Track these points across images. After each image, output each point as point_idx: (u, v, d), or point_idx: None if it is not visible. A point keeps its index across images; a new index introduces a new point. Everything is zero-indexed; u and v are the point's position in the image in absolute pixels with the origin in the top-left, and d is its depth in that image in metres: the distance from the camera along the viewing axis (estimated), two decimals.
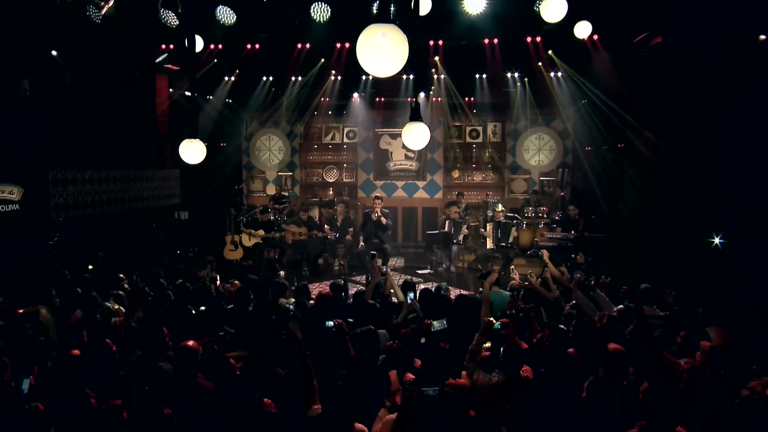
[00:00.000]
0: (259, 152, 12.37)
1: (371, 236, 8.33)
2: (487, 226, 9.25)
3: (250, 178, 12.36)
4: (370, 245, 8.34)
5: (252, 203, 11.91)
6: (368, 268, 8.17)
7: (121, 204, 7.46)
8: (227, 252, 9.24)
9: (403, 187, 11.96)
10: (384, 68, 2.86)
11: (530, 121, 11.35)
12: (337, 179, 12.11)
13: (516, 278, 6.10)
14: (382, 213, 8.26)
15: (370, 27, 2.82)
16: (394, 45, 2.82)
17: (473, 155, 11.66)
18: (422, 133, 4.14)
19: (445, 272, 9.43)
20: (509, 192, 11.67)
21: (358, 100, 11.36)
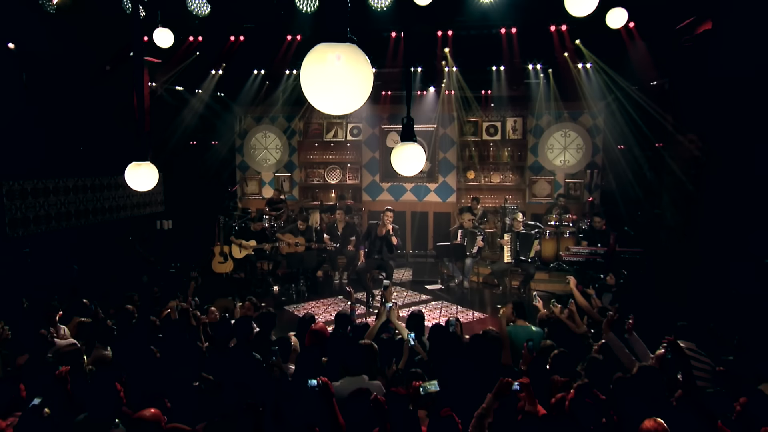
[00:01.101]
0: (254, 151, 12.07)
1: (374, 251, 7.83)
2: (505, 235, 8.73)
3: (243, 179, 12.04)
4: (371, 261, 7.86)
5: (246, 206, 11.62)
6: (367, 287, 7.72)
7: (93, 215, 7.10)
8: (215, 264, 8.93)
9: (412, 190, 11.58)
10: (340, 103, 2.21)
11: (555, 116, 10.91)
12: (339, 180, 11.78)
13: (539, 306, 5.55)
14: (394, 230, 7.73)
15: (319, 47, 2.21)
16: (353, 72, 2.17)
17: (491, 154, 11.24)
18: (415, 156, 3.61)
19: (457, 288, 9.04)
20: (531, 195, 11.22)
21: None
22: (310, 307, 8.07)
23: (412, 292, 8.96)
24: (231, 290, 8.46)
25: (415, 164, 3.60)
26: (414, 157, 3.59)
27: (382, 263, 7.71)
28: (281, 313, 7.73)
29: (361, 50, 2.18)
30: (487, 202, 11.18)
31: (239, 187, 12.07)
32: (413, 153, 3.60)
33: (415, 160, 3.59)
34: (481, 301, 8.58)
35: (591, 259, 8.15)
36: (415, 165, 3.60)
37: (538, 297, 5.69)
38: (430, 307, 8.06)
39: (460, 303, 8.25)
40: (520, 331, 4.90)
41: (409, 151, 3.60)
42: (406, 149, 3.60)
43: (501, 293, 8.70)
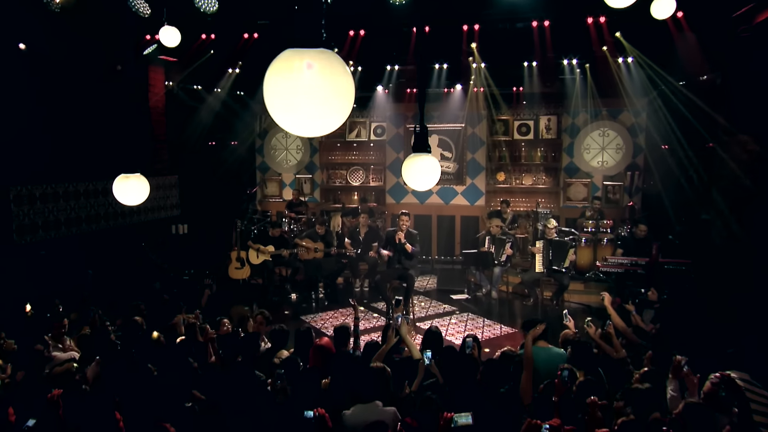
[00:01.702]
0: (274, 151, 11.98)
1: (394, 260, 7.57)
2: (536, 242, 8.36)
3: (263, 181, 11.97)
4: (391, 271, 7.60)
5: (266, 209, 11.57)
6: (387, 298, 7.45)
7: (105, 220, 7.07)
8: (232, 270, 8.83)
9: (438, 193, 11.28)
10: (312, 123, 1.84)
11: (592, 114, 10.46)
12: (362, 182, 11.60)
13: (570, 326, 5.14)
14: (408, 236, 7.46)
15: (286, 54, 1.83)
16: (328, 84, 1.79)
17: (522, 155, 10.90)
18: (429, 169, 3.31)
19: (484, 298, 8.76)
20: (565, 199, 10.79)
21: (382, 93, 10.78)
22: (328, 317, 7.89)
23: (436, 302, 8.69)
24: (248, 297, 8.38)
25: (428, 178, 3.31)
26: (427, 170, 3.30)
27: (404, 272, 7.42)
28: (298, 323, 7.60)
29: (338, 57, 1.87)
30: (518, 205, 10.83)
31: (259, 189, 12.00)
32: (426, 166, 3.30)
33: (429, 173, 3.29)
34: (511, 313, 8.26)
35: (631, 271, 7.72)
36: (428, 179, 3.31)
37: (569, 315, 5.24)
38: (455, 320, 7.79)
39: (487, 315, 7.96)
40: (540, 353, 4.50)
41: (422, 163, 3.30)
42: (418, 162, 3.30)
43: (532, 305, 8.37)
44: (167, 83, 8.92)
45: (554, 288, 8.34)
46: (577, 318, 7.62)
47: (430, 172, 3.35)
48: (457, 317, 7.90)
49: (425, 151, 3.36)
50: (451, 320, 7.74)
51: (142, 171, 8.09)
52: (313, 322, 7.65)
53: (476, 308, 8.35)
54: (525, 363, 4.05)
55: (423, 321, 7.67)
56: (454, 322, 7.65)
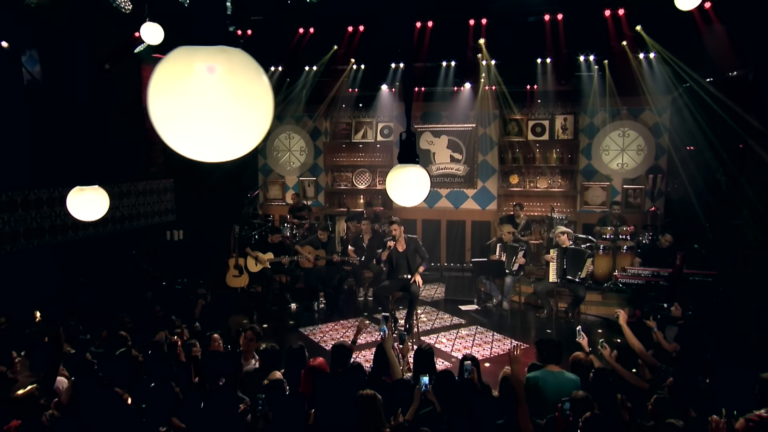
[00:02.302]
0: (277, 153, 11.84)
1: (395, 270, 7.27)
2: (550, 251, 8.09)
3: (265, 184, 11.83)
4: (394, 282, 7.30)
5: (268, 213, 11.45)
6: (389, 311, 7.16)
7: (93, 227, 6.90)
8: (230, 278, 8.62)
9: (448, 196, 11.08)
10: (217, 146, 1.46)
11: (611, 113, 10.15)
12: (368, 185, 11.39)
13: (583, 344, 4.77)
14: (411, 245, 7.22)
15: (177, 54, 1.41)
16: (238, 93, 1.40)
17: (537, 156, 10.59)
18: (416, 182, 3.01)
19: (495, 309, 8.51)
20: (582, 203, 10.48)
21: (387, 92, 10.58)
22: (328, 329, 7.67)
23: (443, 314, 8.41)
24: (246, 306, 8.29)
25: (416, 193, 3.00)
26: (415, 183, 3.00)
27: (407, 283, 7.11)
28: (296, 336, 7.41)
29: (251, 58, 1.51)
30: (532, 210, 10.55)
31: (261, 193, 11.83)
32: (414, 179, 2.99)
33: (416, 187, 3.00)
34: (523, 325, 7.96)
35: (652, 282, 7.40)
36: (415, 194, 3.01)
37: (582, 332, 4.88)
38: (463, 333, 7.50)
39: (497, 329, 7.66)
40: (549, 379, 4.13)
41: (409, 176, 2.99)
42: (404, 174, 2.99)
43: (546, 316, 8.08)
44: None
45: (570, 299, 8.03)
46: (593, 332, 7.44)
47: (419, 186, 3.04)
48: (466, 330, 7.63)
49: (413, 162, 3.03)
50: (459, 333, 7.47)
51: (135, 174, 8.08)
52: (312, 335, 7.44)
53: (486, 320, 8.07)
54: (518, 395, 3.64)
55: (428, 334, 7.42)
56: (462, 335, 7.38)
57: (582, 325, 7.60)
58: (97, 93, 6.78)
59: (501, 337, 7.34)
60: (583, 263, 7.77)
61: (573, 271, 7.81)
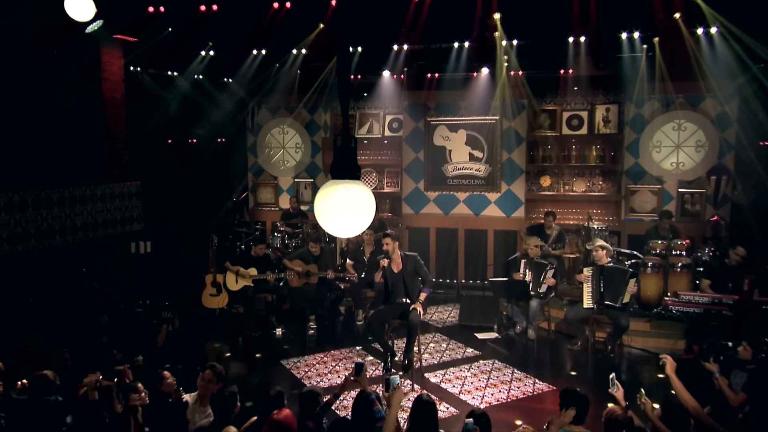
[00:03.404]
0: (269, 150, 11.61)
1: (391, 294, 6.86)
2: (584, 269, 7.62)
3: (255, 186, 11.60)
4: (391, 308, 6.86)
5: (258, 219, 11.33)
6: (384, 343, 6.73)
7: (36, 239, 6.63)
8: (206, 298, 8.45)
9: (466, 202, 10.75)
10: None
11: (663, 102, 9.70)
12: (375, 188, 11.14)
13: (618, 396, 4.24)
14: (408, 264, 6.79)
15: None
16: None
17: (573, 154, 10.23)
18: (357, 205, 2.54)
19: (519, 338, 8.09)
20: (628, 211, 10.02)
21: (389, 79, 10.25)
22: (316, 362, 7.28)
23: (455, 343, 7.99)
24: (225, 331, 8.14)
25: (353, 219, 2.53)
26: (352, 207, 2.51)
27: (405, 310, 6.64)
28: (275, 369, 7.09)
29: None
30: (566, 218, 10.16)
31: (250, 196, 11.66)
32: (352, 200, 2.50)
33: (354, 212, 2.52)
34: (553, 360, 7.50)
35: (713, 311, 6.84)
36: (354, 221, 2.54)
37: (616, 381, 4.35)
38: (476, 369, 7.04)
39: (519, 364, 7.18)
40: None
41: (345, 196, 2.50)
42: (338, 194, 2.50)
43: (579, 349, 7.61)
44: (131, 68, 8.60)
45: (609, 328, 7.53)
46: (638, 370, 7.02)
47: (358, 211, 2.55)
48: (480, 366, 7.16)
49: (352, 177, 2.52)
50: (471, 370, 7.02)
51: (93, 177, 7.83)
52: (295, 369, 7.06)
53: (506, 352, 7.65)
54: None
55: (434, 370, 7.00)
56: (475, 372, 6.93)
57: (625, 360, 7.33)
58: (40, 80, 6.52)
59: (522, 375, 6.87)
60: (624, 285, 7.24)
61: (612, 294, 7.30)
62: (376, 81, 10.28)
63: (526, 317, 7.99)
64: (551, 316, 8.30)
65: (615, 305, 7.23)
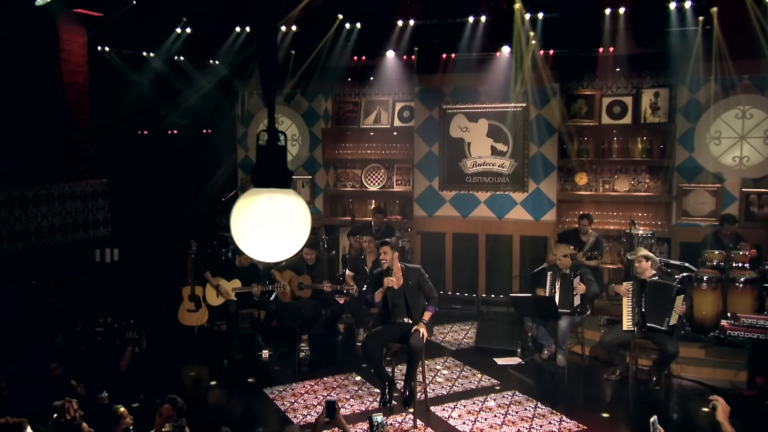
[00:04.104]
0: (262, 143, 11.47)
1: (390, 313, 6.62)
2: (624, 284, 7.40)
3: (245, 183, 11.44)
4: (390, 329, 6.61)
5: None
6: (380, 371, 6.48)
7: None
8: (183, 314, 8.43)
9: (488, 203, 10.60)
10: None
11: (723, 85, 9.33)
12: (383, 186, 11.17)
13: None
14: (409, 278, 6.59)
15: None
16: None
17: (615, 147, 10.05)
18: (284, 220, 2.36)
19: (546, 364, 7.88)
20: (680, 214, 9.74)
21: (393, 61, 10.11)
22: (305, 391, 7.08)
23: (469, 370, 7.75)
24: (204, 353, 8.08)
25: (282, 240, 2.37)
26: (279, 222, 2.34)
27: (406, 332, 6.38)
28: (256, 400, 6.95)
29: None
30: (606, 222, 9.95)
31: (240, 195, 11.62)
32: (279, 214, 2.33)
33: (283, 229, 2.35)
34: (585, 393, 7.22)
35: None
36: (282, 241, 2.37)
37: (658, 425, 4.04)
38: (491, 403, 6.75)
39: (544, 397, 6.89)
40: None
41: (269, 209, 2.33)
42: (259, 206, 2.36)
43: (618, 378, 7.34)
44: (98, 48, 8.56)
45: (655, 355, 7.25)
46: (690, 406, 6.81)
47: (288, 229, 2.35)
48: (497, 398, 6.89)
49: (280, 185, 2.38)
50: (486, 402, 6.75)
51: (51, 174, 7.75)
52: (279, 399, 6.87)
53: (530, 382, 7.43)
54: None
55: (442, 403, 6.74)
56: (491, 406, 6.65)
57: (675, 394, 7.10)
58: None
59: (547, 410, 6.56)
60: (670, 303, 6.93)
61: (656, 314, 7.00)
62: (382, 63, 10.24)
63: (555, 339, 7.74)
64: (585, 339, 7.98)
65: (660, 328, 6.94)
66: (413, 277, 6.54)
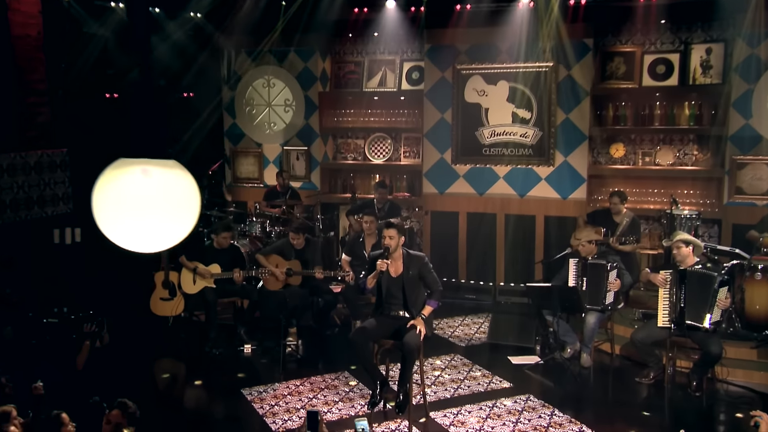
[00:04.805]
0: (251, 109, 11.76)
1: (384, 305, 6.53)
2: (661, 272, 7.29)
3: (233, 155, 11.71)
4: (382, 323, 6.51)
5: (237, 198, 11.51)
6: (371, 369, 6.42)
7: None
8: (155, 303, 8.39)
9: (508, 178, 10.58)
10: None
11: None
12: (388, 159, 11.24)
13: None
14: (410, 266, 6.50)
15: None
16: None
17: (657, 113, 9.89)
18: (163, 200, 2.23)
19: (569, 363, 7.70)
20: (733, 192, 9.61)
21: (394, 13, 10.08)
22: (288, 392, 6.99)
23: (479, 370, 7.64)
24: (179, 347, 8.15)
25: (162, 225, 2.24)
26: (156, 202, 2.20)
27: (401, 326, 6.32)
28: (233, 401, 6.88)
29: None
30: (644, 200, 9.89)
31: (228, 169, 11.81)
32: (156, 192, 2.20)
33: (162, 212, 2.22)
34: (613, 399, 7.13)
35: None
36: (162, 227, 2.24)
37: None
38: (501, 408, 6.59)
39: (563, 403, 6.73)
40: None
41: (142, 185, 2.22)
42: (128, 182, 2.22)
43: (652, 382, 7.23)
44: None
45: (695, 355, 7.15)
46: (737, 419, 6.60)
47: (173, 212, 2.21)
48: (508, 403, 6.74)
49: (157, 155, 2.19)
50: (495, 408, 6.60)
51: None
52: (258, 402, 6.74)
53: (550, 384, 7.32)
54: None
55: (444, 408, 6.60)
56: (500, 413, 6.51)
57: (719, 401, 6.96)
58: None
59: (565, 418, 6.38)
60: (712, 298, 6.82)
61: (696, 310, 6.86)
62: (385, 15, 10.15)
63: (581, 336, 7.62)
64: (616, 336, 7.91)
65: (700, 326, 6.81)
66: (414, 265, 6.45)
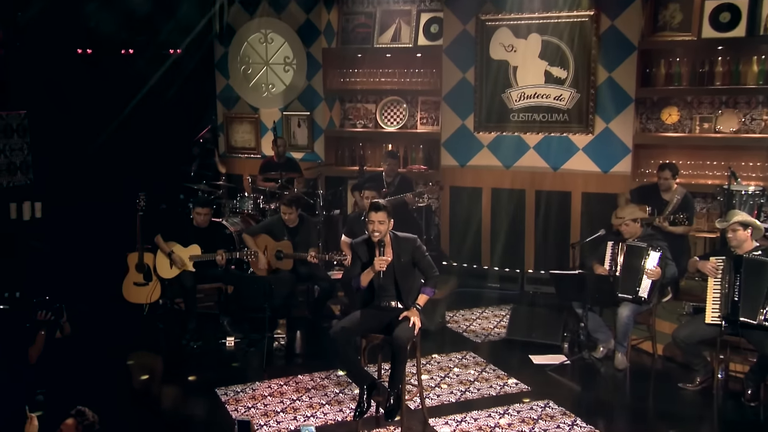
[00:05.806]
0: (246, 68, 11.88)
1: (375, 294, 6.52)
2: (711, 259, 7.21)
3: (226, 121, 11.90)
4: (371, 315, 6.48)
5: (231, 171, 11.74)
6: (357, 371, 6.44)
7: None
8: (128, 288, 8.56)
9: (539, 148, 10.51)
10: None
11: None
12: (402, 126, 11.27)
13: None
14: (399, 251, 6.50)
15: None
16: None
17: (718, 71, 9.72)
18: None
19: (601, 364, 7.73)
20: None
21: None
22: (268, 393, 7.02)
23: (493, 370, 7.58)
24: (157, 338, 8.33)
25: None
26: None
27: (392, 319, 6.28)
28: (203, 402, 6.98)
29: None
30: (703, 175, 9.75)
31: (221, 137, 11.99)
32: None
33: None
34: (652, 407, 7.10)
35: None
36: None
37: None
38: (514, 416, 6.49)
39: (588, 411, 6.64)
40: None
41: None
42: None
43: (698, 388, 7.12)
44: None
45: (752, 359, 7.01)
46: None
47: None
48: (522, 410, 6.66)
49: None
50: (506, 415, 6.53)
51: None
52: (232, 403, 6.74)
53: (575, 388, 7.28)
54: None
55: (446, 414, 6.53)
56: (511, 422, 6.41)
57: None
58: None
59: (588, 429, 6.26)
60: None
61: (753, 304, 6.67)
62: None
63: (615, 333, 7.60)
64: (658, 333, 7.84)
65: (752, 323, 6.61)
66: (406, 250, 6.42)
